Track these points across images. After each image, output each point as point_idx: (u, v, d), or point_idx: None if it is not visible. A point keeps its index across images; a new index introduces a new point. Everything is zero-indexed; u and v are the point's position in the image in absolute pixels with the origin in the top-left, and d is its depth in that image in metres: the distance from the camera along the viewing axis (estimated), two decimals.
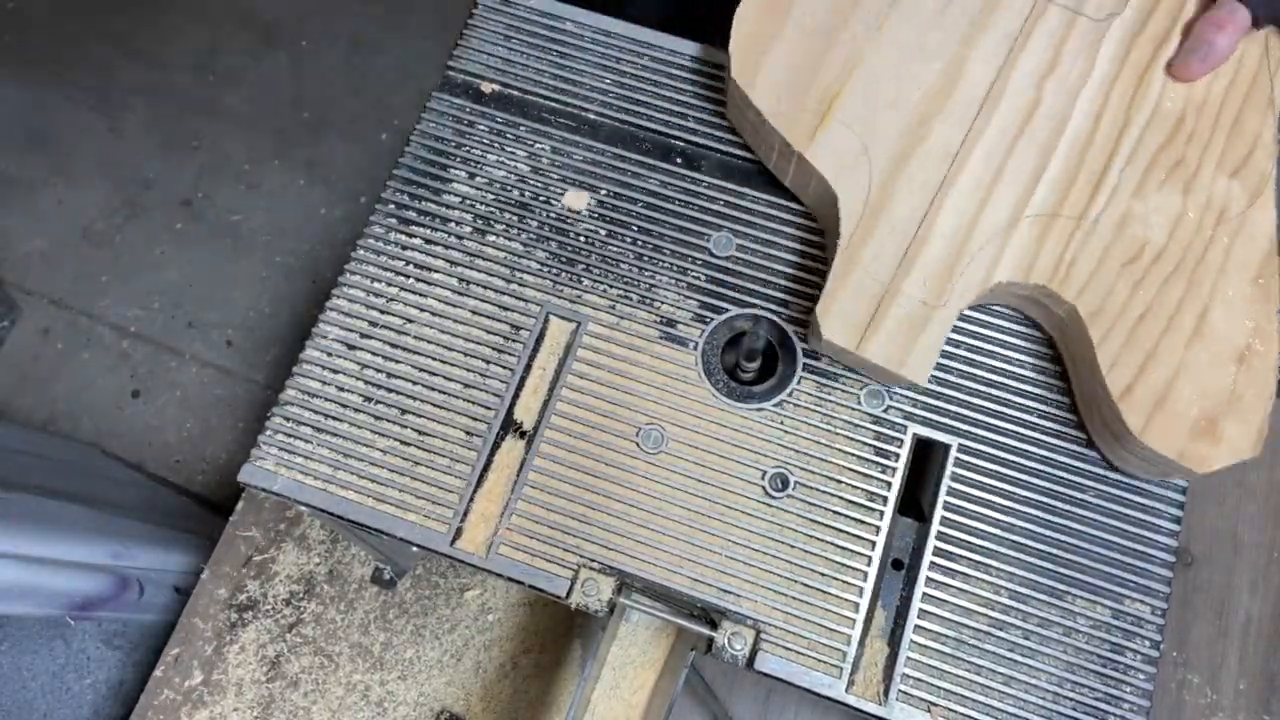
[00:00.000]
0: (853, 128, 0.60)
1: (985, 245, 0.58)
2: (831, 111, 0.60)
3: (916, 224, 0.58)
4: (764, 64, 0.61)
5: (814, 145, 0.60)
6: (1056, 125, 0.60)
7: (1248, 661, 0.86)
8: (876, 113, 0.61)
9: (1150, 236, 0.58)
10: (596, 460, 0.59)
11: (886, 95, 0.61)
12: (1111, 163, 0.60)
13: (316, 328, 0.63)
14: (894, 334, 0.57)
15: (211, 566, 0.94)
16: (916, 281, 0.58)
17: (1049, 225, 0.58)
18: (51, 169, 1.57)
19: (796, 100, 0.61)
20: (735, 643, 0.56)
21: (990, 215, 0.59)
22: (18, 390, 1.43)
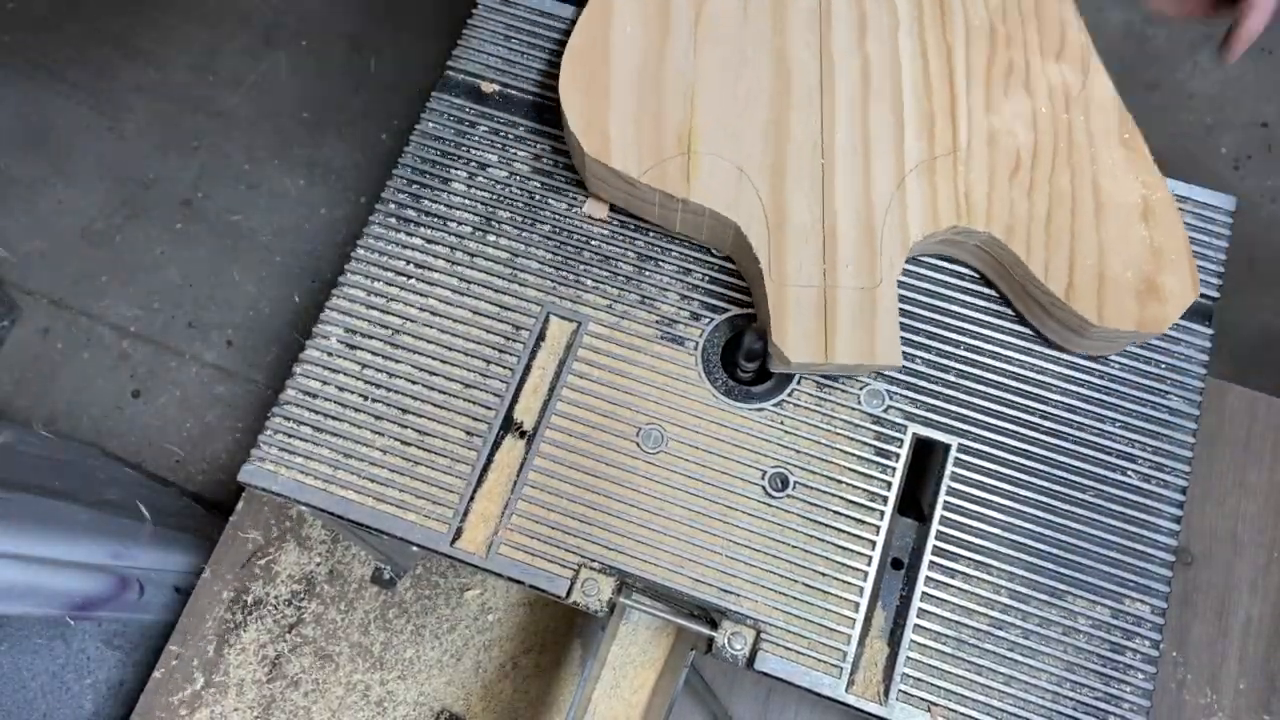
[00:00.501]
0: (720, 154, 0.60)
1: (888, 212, 0.59)
2: (694, 147, 0.60)
3: (819, 220, 0.59)
4: (610, 130, 0.60)
5: (693, 186, 0.59)
6: (893, 77, 0.62)
7: (1248, 661, 0.86)
8: (734, 131, 0.60)
9: (1019, 142, 0.61)
10: (596, 460, 0.59)
11: (735, 111, 0.61)
12: (955, 90, 0.62)
13: (316, 328, 0.63)
14: (852, 329, 0.57)
15: (211, 566, 0.94)
16: (846, 274, 0.58)
17: (932, 170, 0.60)
18: (51, 169, 1.57)
19: (655, 150, 0.60)
20: (735, 642, 0.56)
21: (879, 183, 0.60)
22: (18, 390, 1.43)
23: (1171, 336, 0.62)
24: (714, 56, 0.62)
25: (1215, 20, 0.63)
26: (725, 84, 0.61)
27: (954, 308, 0.63)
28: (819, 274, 0.58)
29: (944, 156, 0.60)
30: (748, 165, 0.60)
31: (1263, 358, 1.38)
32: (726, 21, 0.63)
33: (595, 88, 0.61)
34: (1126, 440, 0.60)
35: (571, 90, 0.61)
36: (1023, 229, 0.59)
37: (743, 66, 0.62)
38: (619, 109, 0.60)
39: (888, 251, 0.59)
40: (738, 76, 0.61)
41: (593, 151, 0.59)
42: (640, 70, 0.61)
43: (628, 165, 0.59)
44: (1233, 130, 1.47)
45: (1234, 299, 0.93)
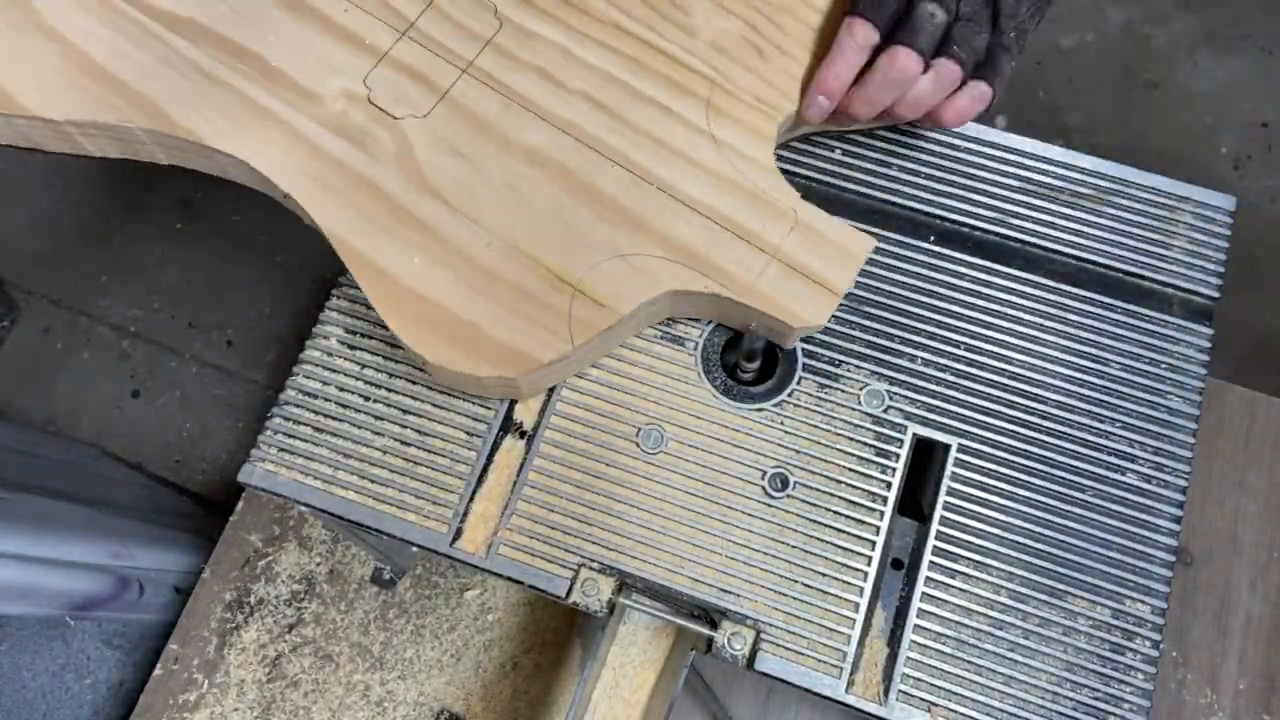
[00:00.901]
0: (597, 263, 0.57)
1: (735, 165, 0.60)
2: (572, 280, 0.56)
3: (710, 222, 0.59)
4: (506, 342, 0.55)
5: (610, 307, 0.56)
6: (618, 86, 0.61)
7: (1248, 661, 0.86)
8: (577, 239, 0.57)
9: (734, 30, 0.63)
10: (596, 460, 0.59)
11: (561, 225, 0.58)
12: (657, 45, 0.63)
13: (316, 328, 0.63)
14: (823, 258, 0.58)
15: (211, 566, 0.94)
16: (771, 231, 0.58)
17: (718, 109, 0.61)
18: (52, 169, 1.57)
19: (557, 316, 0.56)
20: (735, 643, 0.56)
21: (703, 152, 0.60)
22: (18, 390, 1.43)
23: (1171, 337, 0.62)
24: (492, 211, 0.58)
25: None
26: (526, 217, 0.58)
27: (954, 307, 0.63)
28: (757, 255, 0.58)
29: (713, 92, 0.62)
30: (620, 248, 0.58)
31: (1263, 358, 1.38)
32: (464, 180, 0.58)
33: (450, 328, 0.55)
34: (1126, 440, 0.60)
35: (440, 352, 0.55)
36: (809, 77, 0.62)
37: (518, 193, 0.58)
38: (489, 321, 0.56)
39: (768, 186, 0.59)
40: (525, 203, 0.58)
41: (519, 373, 0.55)
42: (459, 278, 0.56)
43: (558, 349, 0.55)
44: (1233, 130, 1.47)
45: (1234, 299, 0.93)
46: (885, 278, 0.64)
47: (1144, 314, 0.63)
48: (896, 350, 0.62)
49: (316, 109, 0.59)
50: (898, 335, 0.62)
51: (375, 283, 0.56)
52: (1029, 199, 0.66)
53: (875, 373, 0.61)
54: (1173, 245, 0.65)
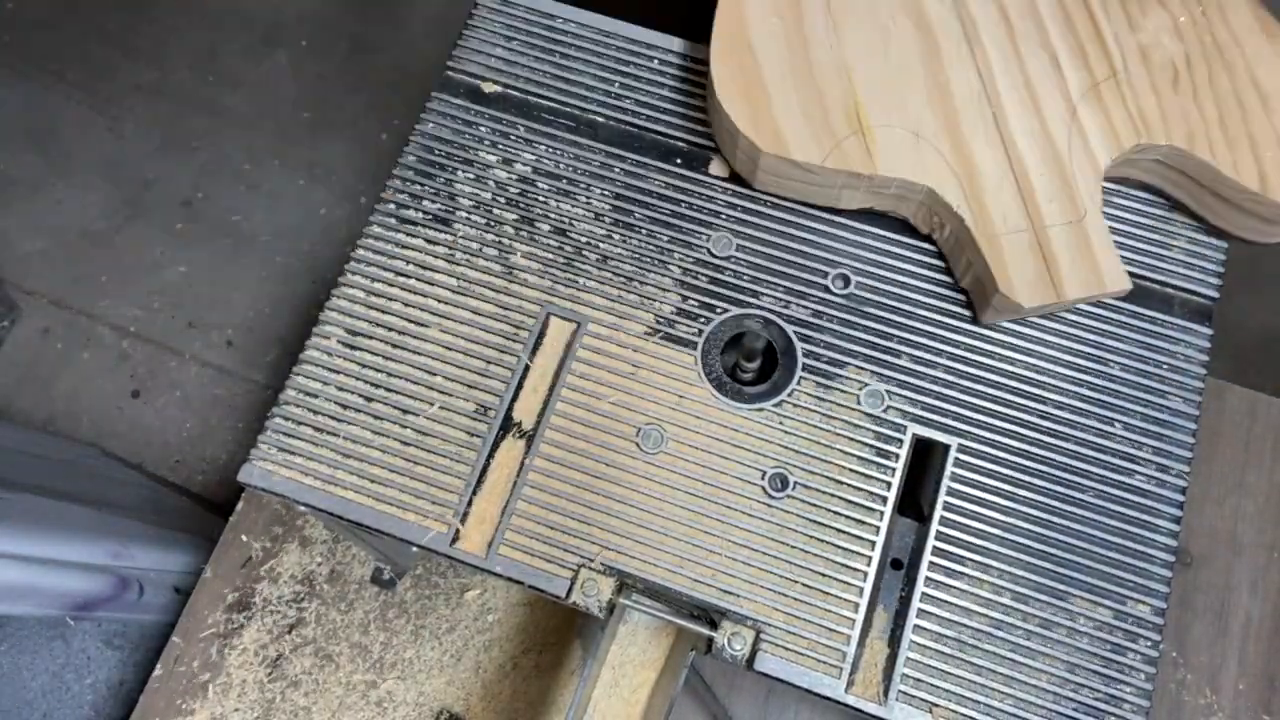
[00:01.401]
0: (893, 124, 0.61)
1: (1070, 144, 0.60)
2: (866, 123, 0.61)
3: (1008, 166, 0.60)
4: (779, 125, 0.61)
5: (877, 160, 0.60)
6: (1033, 15, 0.63)
7: (1248, 661, 0.86)
8: (899, 99, 0.61)
9: (1170, 52, 0.62)
10: (596, 460, 0.59)
11: (893, 79, 0.62)
12: (1095, 17, 0.64)
13: (316, 328, 0.63)
14: (1074, 263, 0.59)
15: (211, 566, 0.94)
16: (1051, 211, 0.59)
17: (1099, 95, 0.62)
18: (51, 169, 1.57)
19: (830, 135, 0.60)
20: (735, 643, 0.56)
21: (1052, 118, 0.61)
22: (18, 390, 1.43)
23: (1171, 337, 0.62)
24: (856, 32, 0.63)
25: None
26: (875, 55, 0.62)
27: (954, 307, 0.63)
28: (1024, 217, 0.59)
29: (1106, 81, 0.62)
30: (922, 129, 0.61)
31: (1263, 358, 1.38)
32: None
33: (752, 86, 0.61)
34: (1126, 440, 0.60)
35: (731, 94, 0.61)
36: (1201, 134, 0.61)
37: (886, 35, 0.63)
38: (781, 102, 0.61)
39: (1083, 182, 0.60)
40: (885, 46, 0.62)
41: (769, 149, 0.60)
42: (789, 60, 0.62)
43: (809, 155, 0.60)
44: None
45: (1234, 299, 0.93)
46: (886, 278, 0.64)
47: (1144, 314, 0.63)
48: (896, 350, 0.62)
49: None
50: (898, 335, 0.62)
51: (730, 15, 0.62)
52: None
53: (875, 373, 0.61)
54: (1173, 245, 0.65)
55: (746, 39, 0.62)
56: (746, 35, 0.62)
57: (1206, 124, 0.61)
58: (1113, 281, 0.59)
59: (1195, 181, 0.62)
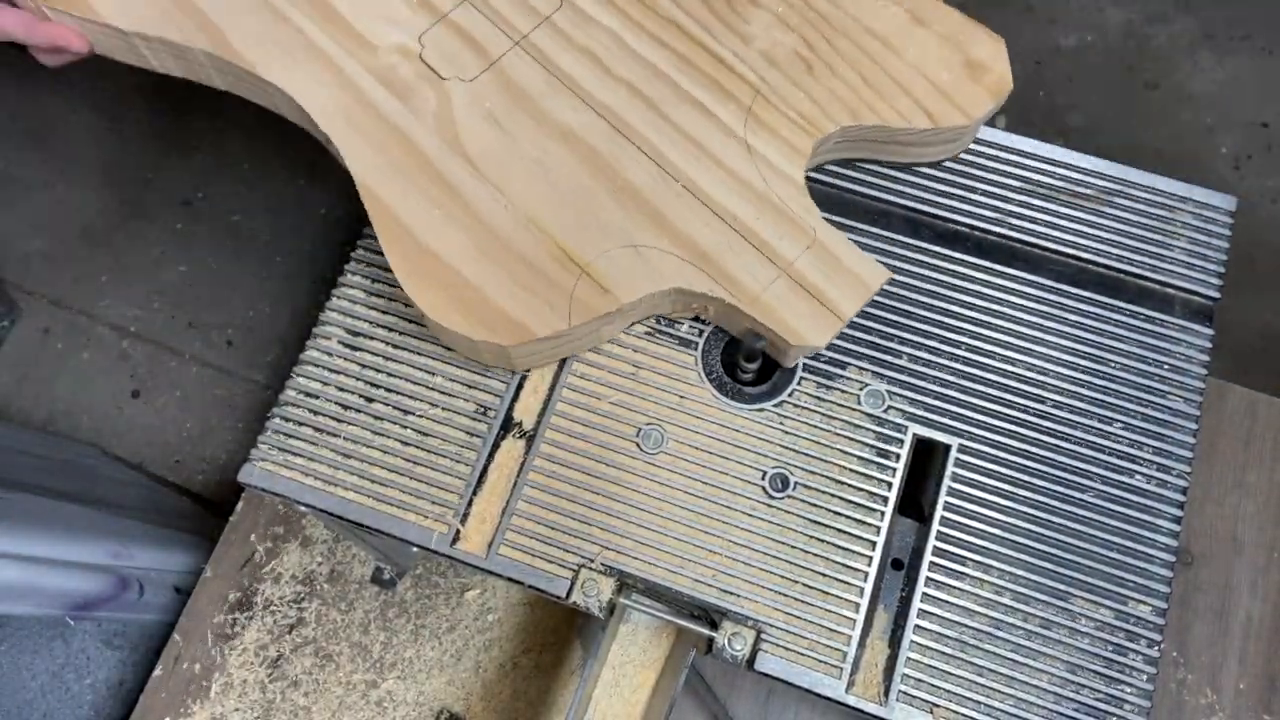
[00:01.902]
0: (608, 249, 0.58)
1: (765, 177, 0.60)
2: (582, 262, 0.57)
3: (729, 228, 0.59)
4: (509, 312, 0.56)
5: (618, 293, 0.57)
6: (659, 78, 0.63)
7: (1248, 661, 0.86)
8: (595, 222, 0.58)
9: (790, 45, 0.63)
10: (597, 460, 0.59)
11: (577, 206, 0.59)
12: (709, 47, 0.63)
13: (316, 328, 0.63)
14: (835, 282, 0.58)
15: (211, 566, 0.94)
16: (786, 248, 0.59)
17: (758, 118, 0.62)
18: (51, 169, 1.57)
19: (560, 293, 0.57)
20: (735, 643, 0.55)
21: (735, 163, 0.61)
22: (18, 390, 1.43)
23: (1171, 337, 0.62)
24: (515, 180, 0.59)
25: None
26: (546, 192, 0.59)
27: (954, 307, 0.63)
28: (770, 266, 0.58)
29: (755, 101, 0.62)
30: (635, 239, 0.58)
31: (1263, 358, 1.38)
32: (498, 145, 0.60)
33: (458, 290, 0.56)
34: (1127, 441, 0.60)
35: (443, 309, 0.56)
36: (858, 102, 0.62)
37: (544, 168, 0.60)
38: (495, 288, 0.56)
39: (794, 205, 0.60)
40: (549, 178, 0.59)
41: (514, 340, 0.56)
42: (475, 242, 0.58)
43: (553, 325, 0.56)
44: (1233, 130, 1.47)
45: (1234, 299, 0.93)
46: None
47: (1144, 314, 0.63)
48: (896, 350, 0.62)
49: (369, 58, 0.61)
50: (898, 335, 0.62)
51: (392, 233, 0.57)
52: (1029, 199, 0.66)
53: (875, 373, 0.61)
54: (1173, 245, 0.65)
55: (423, 246, 0.57)
56: (420, 242, 0.57)
57: (856, 91, 0.62)
58: (874, 279, 0.59)
59: (876, 141, 0.64)
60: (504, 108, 0.61)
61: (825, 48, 0.63)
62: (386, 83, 0.61)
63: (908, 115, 0.61)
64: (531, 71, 0.62)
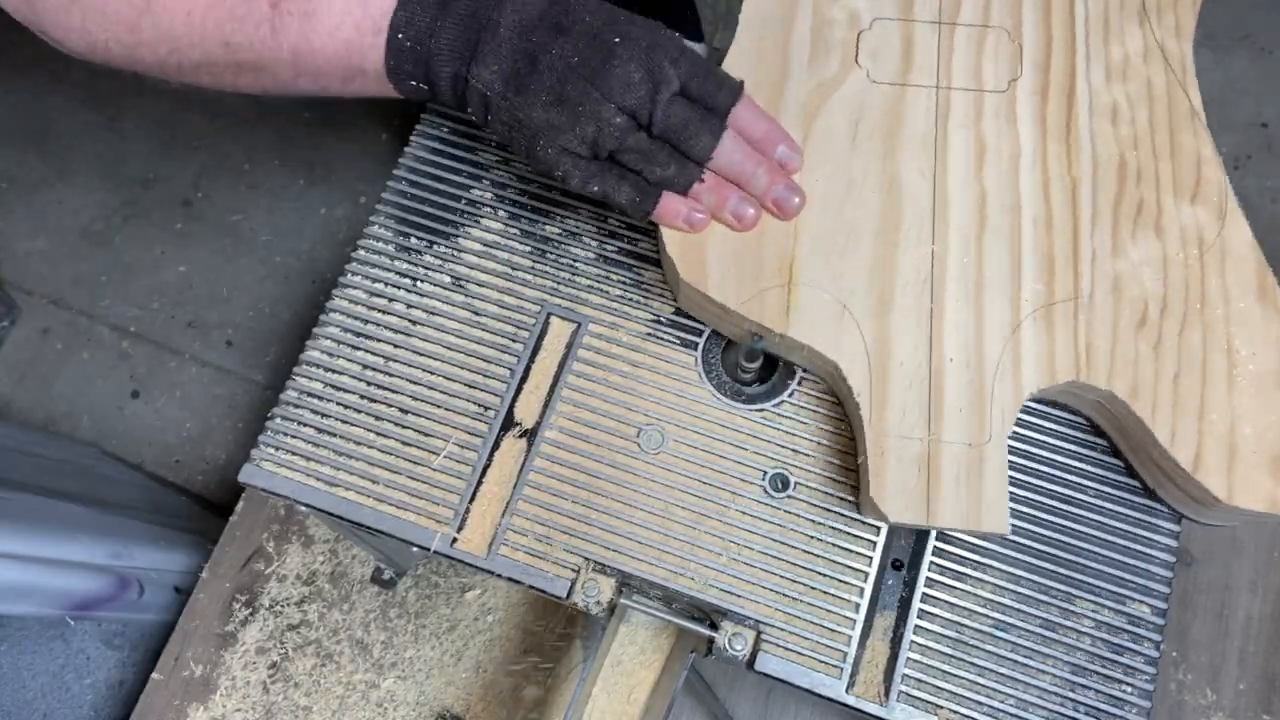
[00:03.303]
0: (823, 288, 0.56)
1: (1000, 361, 0.55)
2: (795, 280, 0.56)
3: (926, 365, 0.55)
4: (708, 258, 0.57)
5: (792, 321, 0.56)
6: (1012, 212, 0.58)
7: (1248, 661, 0.86)
8: (838, 264, 0.57)
9: (1147, 291, 0.56)
10: (597, 460, 0.59)
11: (839, 241, 0.57)
12: (1079, 230, 0.57)
13: (316, 328, 0.63)
14: (957, 490, 0.52)
15: (211, 566, 0.94)
16: (953, 426, 0.53)
17: (1050, 317, 0.55)
18: (51, 169, 1.57)
19: (755, 279, 0.56)
20: (735, 643, 0.55)
21: (991, 329, 0.55)
22: (18, 390, 1.43)
23: None
24: (820, 180, 0.58)
25: None
26: (830, 210, 0.58)
27: None
28: (923, 424, 0.53)
29: (1064, 302, 0.56)
30: (850, 300, 0.56)
31: None
32: (835, 143, 0.59)
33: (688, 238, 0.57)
34: None
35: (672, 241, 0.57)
36: (1148, 389, 0.54)
37: (850, 192, 0.58)
38: (718, 234, 0.57)
39: (999, 404, 0.54)
40: (844, 203, 0.58)
41: (689, 279, 0.56)
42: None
43: (725, 295, 0.56)
44: (1233, 130, 1.47)
45: None
46: None
47: None
48: None
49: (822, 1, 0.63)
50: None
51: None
52: None
53: None
54: None
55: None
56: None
57: (1159, 380, 0.54)
58: (990, 522, 0.52)
59: (1128, 434, 0.56)
60: (872, 124, 0.60)
61: (1175, 322, 0.55)
62: (814, 31, 0.62)
63: (1178, 441, 0.53)
64: (922, 116, 0.60)
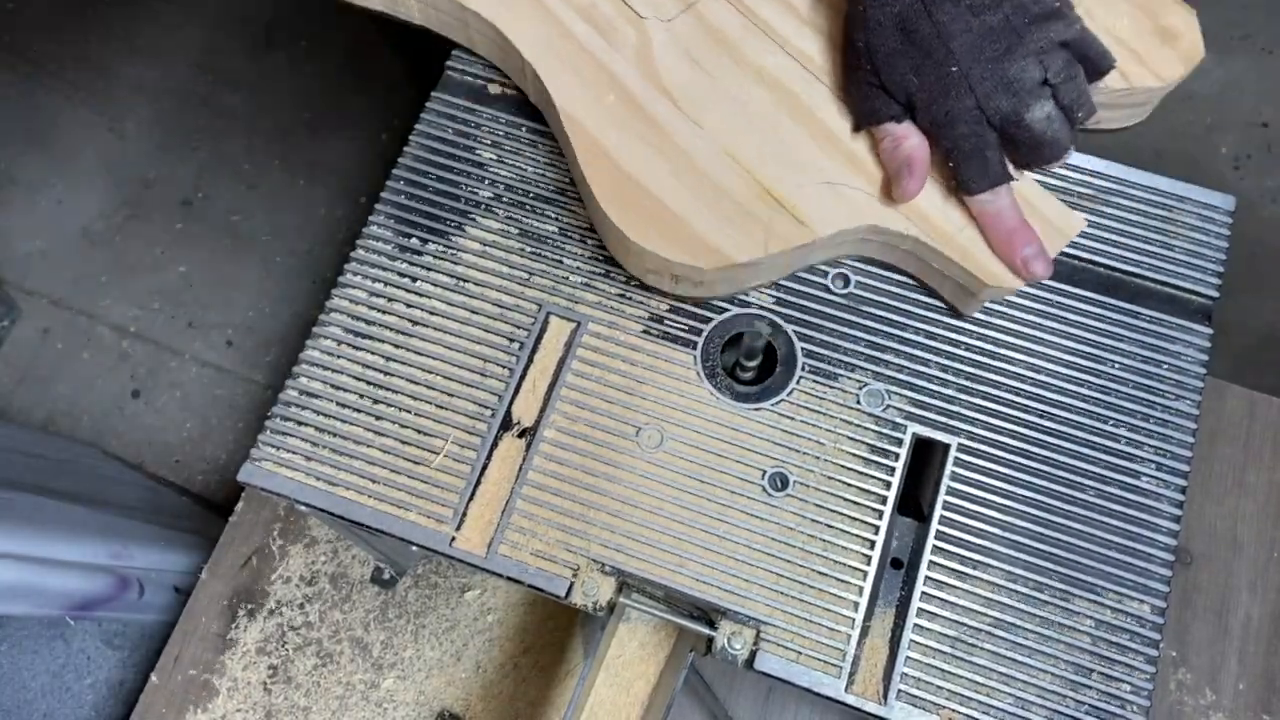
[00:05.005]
0: (804, 184, 0.59)
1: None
2: (781, 196, 0.59)
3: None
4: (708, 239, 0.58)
5: (814, 227, 0.58)
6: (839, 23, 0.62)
7: (1248, 661, 0.86)
8: (792, 159, 0.59)
9: None
10: (596, 460, 0.59)
11: (774, 143, 0.60)
12: None
13: (316, 328, 0.63)
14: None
15: (211, 566, 0.94)
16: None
17: None
18: (51, 169, 1.57)
19: (757, 225, 0.58)
20: (735, 643, 0.56)
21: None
22: (18, 390, 1.43)
23: (1171, 337, 0.62)
24: (720, 118, 0.61)
25: None
26: (745, 129, 0.61)
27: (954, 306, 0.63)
28: (963, 210, 0.58)
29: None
30: (831, 176, 0.59)
31: (1263, 358, 1.38)
32: (698, 85, 0.62)
33: (660, 218, 0.58)
34: (1126, 440, 0.60)
35: (645, 233, 0.58)
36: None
37: (746, 105, 0.61)
38: (693, 214, 0.58)
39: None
40: (748, 117, 0.61)
41: (712, 264, 0.57)
42: (677, 174, 0.60)
43: (750, 252, 0.58)
44: (1233, 130, 1.47)
45: (1234, 299, 0.93)
46: (886, 277, 0.64)
47: (1144, 314, 0.63)
48: (896, 349, 0.62)
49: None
50: (897, 335, 0.62)
51: (595, 159, 0.60)
52: None
53: (875, 372, 0.61)
54: (1173, 245, 0.65)
55: (625, 173, 0.59)
56: (623, 169, 0.59)
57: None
58: (1069, 225, 0.58)
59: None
60: (702, 48, 0.63)
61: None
62: (588, 18, 0.63)
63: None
64: (728, 15, 0.63)
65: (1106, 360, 0.62)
